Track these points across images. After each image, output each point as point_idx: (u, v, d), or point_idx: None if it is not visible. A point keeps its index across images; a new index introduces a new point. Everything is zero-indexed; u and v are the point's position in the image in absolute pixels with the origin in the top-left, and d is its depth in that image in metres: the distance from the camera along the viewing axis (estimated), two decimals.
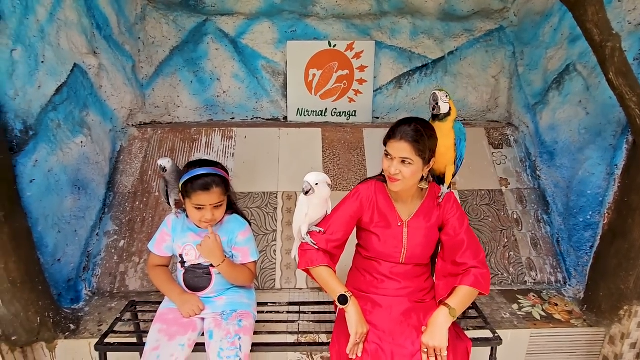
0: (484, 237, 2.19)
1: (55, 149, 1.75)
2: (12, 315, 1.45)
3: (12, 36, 1.52)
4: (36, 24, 1.64)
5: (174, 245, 1.32)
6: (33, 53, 1.62)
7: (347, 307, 1.14)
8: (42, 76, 1.67)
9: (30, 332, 1.51)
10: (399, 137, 1.13)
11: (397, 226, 1.26)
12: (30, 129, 1.61)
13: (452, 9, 2.69)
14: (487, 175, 2.40)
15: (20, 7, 1.55)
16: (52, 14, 1.73)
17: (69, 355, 1.63)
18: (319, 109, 2.75)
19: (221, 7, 2.62)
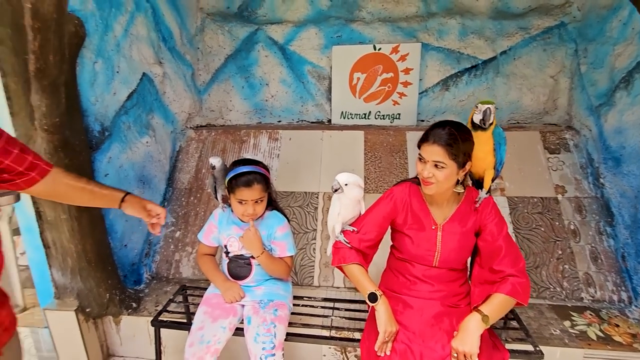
0: (534, 248, 2.06)
1: (125, 147, 2.00)
2: (87, 290, 1.69)
3: (95, 50, 1.77)
4: (113, 39, 1.89)
5: (220, 237, 1.44)
6: (110, 64, 1.87)
7: (376, 305, 1.17)
8: (116, 84, 1.92)
9: (101, 306, 1.75)
10: (432, 141, 1.13)
11: (431, 229, 1.26)
12: (106, 130, 1.86)
13: (505, 7, 2.57)
14: (541, 181, 2.25)
15: (101, 26, 1.80)
16: (126, 30, 1.98)
17: (130, 329, 1.85)
18: (363, 112, 2.78)
19: (271, 17, 2.78)
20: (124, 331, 1.86)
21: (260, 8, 2.79)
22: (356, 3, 2.69)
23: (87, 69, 1.72)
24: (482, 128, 1.22)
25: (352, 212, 1.34)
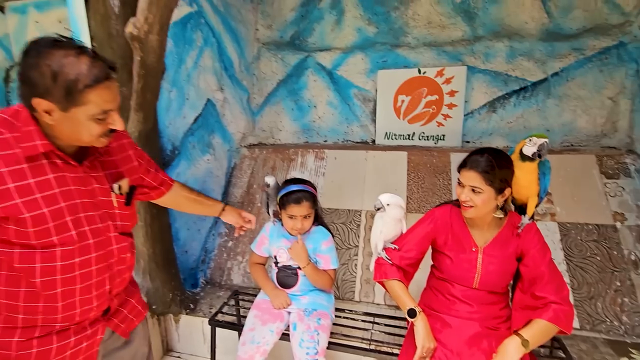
0: (589, 277, 1.96)
1: (190, 164, 2.26)
2: (154, 289, 1.92)
3: (170, 81, 2.06)
4: (185, 71, 2.19)
5: (270, 248, 1.59)
6: (182, 93, 2.16)
7: (415, 321, 1.22)
8: (186, 110, 2.20)
9: (164, 304, 1.97)
10: (469, 167, 1.19)
11: (471, 251, 1.29)
12: (176, 149, 2.13)
13: (557, 28, 2.53)
14: (597, 208, 2.14)
15: (177, 60, 2.10)
16: (196, 62, 2.27)
17: (187, 328, 2.04)
18: (407, 133, 2.85)
19: (321, 44, 2.98)
20: (182, 329, 2.06)
21: (310, 37, 3.01)
22: (402, 29, 2.81)
23: (164, 97, 2.01)
24: (531, 159, 1.24)
25: (394, 230, 1.42)
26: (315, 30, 2.98)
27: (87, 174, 0.91)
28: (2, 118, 0.81)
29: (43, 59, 0.76)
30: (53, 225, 0.83)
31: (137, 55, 1.22)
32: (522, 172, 1.25)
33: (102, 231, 0.93)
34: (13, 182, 0.78)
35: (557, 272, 1.22)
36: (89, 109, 0.80)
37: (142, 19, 1.14)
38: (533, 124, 2.64)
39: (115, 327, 1.02)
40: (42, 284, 0.85)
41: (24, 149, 0.79)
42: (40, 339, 0.88)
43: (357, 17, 2.87)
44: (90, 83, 0.78)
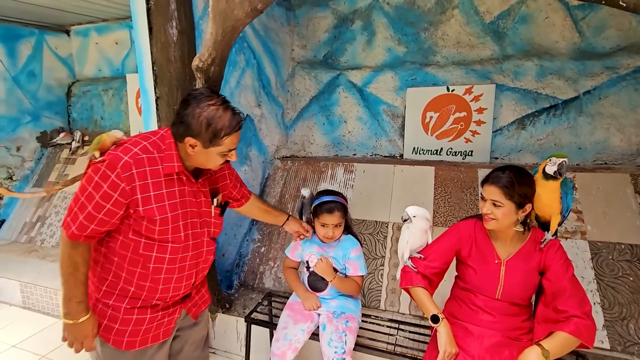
0: (620, 298, 1.93)
1: None
2: None
3: None
4: (229, 90, 2.41)
5: (303, 253, 1.72)
6: None
7: (438, 326, 1.30)
8: None
9: None
10: (491, 182, 1.28)
11: (494, 263, 1.36)
12: None
13: (589, 47, 2.55)
14: (630, 227, 2.11)
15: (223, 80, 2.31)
16: (238, 82, 2.50)
17: (223, 326, 2.20)
18: (434, 148, 2.92)
19: (352, 63, 3.15)
20: (218, 327, 2.22)
21: (342, 56, 3.18)
22: (431, 49, 2.92)
23: None
24: (554, 178, 1.30)
25: (420, 241, 1.51)
26: (347, 50, 3.15)
27: (199, 189, 1.18)
28: (154, 141, 1.08)
29: (201, 109, 1.03)
30: (171, 227, 1.09)
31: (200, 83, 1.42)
32: (545, 191, 1.31)
33: (199, 235, 1.18)
34: (154, 190, 1.05)
35: (579, 287, 1.27)
36: (221, 149, 1.09)
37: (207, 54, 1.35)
38: (564, 142, 2.64)
39: (189, 310, 1.26)
40: (153, 269, 1.10)
41: (165, 168, 1.08)
42: (139, 309, 1.14)
43: (388, 37, 3.01)
44: (229, 132, 1.08)
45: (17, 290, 2.78)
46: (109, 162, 1.01)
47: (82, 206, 1.02)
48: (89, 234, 1.04)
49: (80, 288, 1.07)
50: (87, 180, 1.03)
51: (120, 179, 1.00)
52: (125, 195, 1.02)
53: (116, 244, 1.09)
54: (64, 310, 1.08)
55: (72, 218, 1.03)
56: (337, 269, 1.65)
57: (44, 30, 4.00)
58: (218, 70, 1.45)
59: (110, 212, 1.02)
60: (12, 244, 3.49)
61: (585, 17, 2.53)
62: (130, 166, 1.02)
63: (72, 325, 1.08)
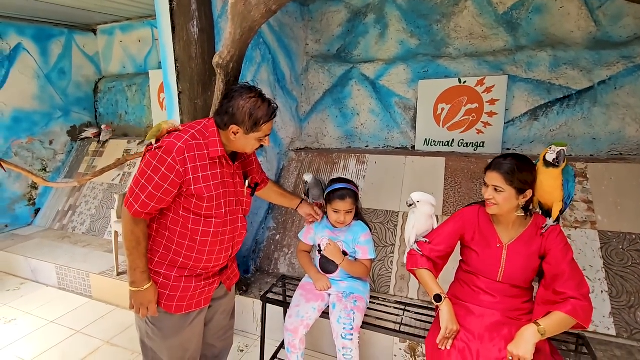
0: (628, 286, 1.96)
1: None
2: None
3: None
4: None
5: (315, 237, 1.83)
6: None
7: (441, 305, 1.38)
8: None
9: None
10: (493, 168, 1.35)
11: (496, 247, 1.43)
12: None
13: (606, 36, 2.52)
14: None
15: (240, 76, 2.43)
16: (254, 76, 2.61)
17: (240, 307, 2.34)
18: (446, 140, 2.96)
19: (365, 56, 3.20)
20: (237, 308, 2.34)
21: (355, 49, 3.25)
22: (443, 41, 2.94)
23: None
24: (554, 166, 1.35)
25: (425, 226, 1.59)
26: (360, 43, 3.21)
27: (235, 171, 1.34)
28: (199, 130, 1.25)
29: (244, 101, 1.22)
30: (215, 204, 1.25)
31: (220, 78, 1.54)
32: (546, 178, 1.36)
33: (235, 212, 1.35)
34: (202, 172, 1.21)
35: (578, 271, 1.32)
36: (259, 134, 1.27)
37: (226, 52, 1.46)
38: (578, 132, 2.63)
39: (225, 281, 1.44)
40: (200, 242, 1.28)
41: (210, 152, 1.23)
42: (187, 277, 1.31)
43: (400, 30, 3.05)
44: (267, 120, 1.26)
45: (53, 272, 3.02)
46: (165, 147, 1.16)
47: (143, 187, 1.17)
48: (149, 211, 1.20)
49: (143, 259, 1.23)
50: (146, 165, 1.17)
51: (176, 162, 1.16)
52: (179, 176, 1.17)
53: (167, 220, 1.26)
54: (130, 279, 1.24)
55: (135, 198, 1.18)
56: (347, 252, 1.74)
57: (72, 29, 4.23)
58: (236, 66, 1.56)
59: (167, 191, 1.18)
60: (47, 231, 3.76)
61: (602, 5, 2.50)
62: (183, 151, 1.17)
63: (138, 293, 1.24)
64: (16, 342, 2.33)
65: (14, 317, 2.60)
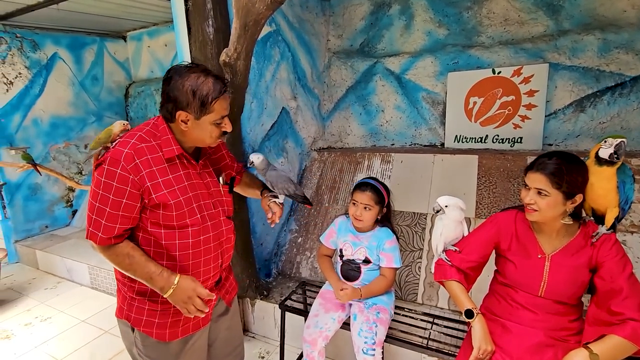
0: None
1: None
2: (235, 274, 2.18)
3: (252, 93, 2.35)
4: (264, 83, 2.46)
5: (337, 241, 1.73)
6: (261, 103, 2.44)
7: (473, 322, 1.24)
8: (264, 118, 2.47)
9: (243, 288, 2.24)
10: (535, 169, 1.17)
11: (537, 258, 1.26)
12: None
13: None
14: None
15: (257, 75, 2.38)
16: (273, 75, 2.54)
17: (261, 312, 2.29)
18: (479, 136, 2.75)
19: (390, 50, 3.05)
20: (257, 313, 2.32)
21: (379, 43, 3.10)
22: (475, 29, 2.73)
23: (246, 108, 2.29)
24: (610, 163, 1.14)
25: (454, 233, 1.44)
26: (384, 36, 3.06)
27: (202, 170, 1.20)
28: (148, 130, 1.10)
29: (183, 80, 1.03)
30: (186, 210, 1.10)
31: (228, 77, 1.47)
32: (598, 179, 1.17)
33: (215, 216, 1.19)
34: (161, 177, 1.06)
35: (638, 287, 1.13)
36: (213, 116, 1.06)
37: (232, 49, 1.39)
38: (633, 124, 2.34)
39: (223, 296, 1.30)
40: (180, 257, 1.11)
41: (165, 153, 1.07)
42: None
43: (427, 20, 2.87)
44: (216, 95, 1.04)
45: (85, 272, 3.13)
46: (111, 158, 1.00)
47: (99, 211, 1.01)
48: (117, 233, 1.03)
49: (149, 265, 1.05)
50: (95, 185, 1.02)
51: (127, 171, 1.00)
52: (136, 186, 1.02)
53: (137, 241, 1.09)
54: (156, 288, 1.06)
55: (94, 226, 1.02)
56: (370, 259, 1.63)
57: (104, 37, 4.38)
58: (244, 64, 1.48)
59: (128, 206, 1.02)
60: (83, 231, 3.93)
61: None
62: (132, 157, 1.01)
63: (175, 292, 1.06)
64: (50, 341, 2.42)
65: (49, 316, 2.72)
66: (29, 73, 3.75)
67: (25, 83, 3.72)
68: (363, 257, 1.64)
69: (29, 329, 2.56)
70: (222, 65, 1.46)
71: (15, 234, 3.74)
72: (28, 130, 3.78)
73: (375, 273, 1.64)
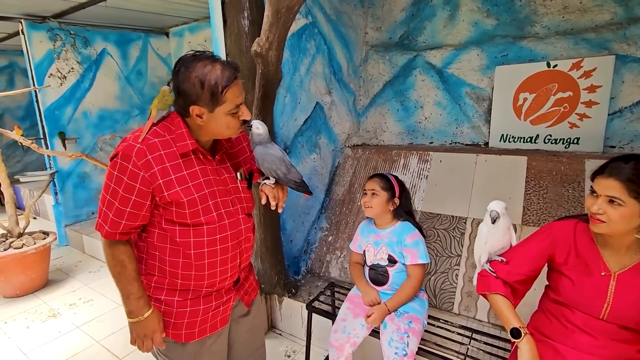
0: None
1: (298, 162, 2.48)
2: (264, 270, 2.19)
3: (285, 87, 2.30)
4: (299, 77, 2.41)
5: (361, 244, 1.65)
6: (295, 97, 2.39)
7: (519, 342, 1.11)
8: (298, 113, 2.42)
9: (271, 285, 2.22)
10: (607, 174, 1.01)
11: (600, 276, 1.10)
12: (287, 149, 2.37)
13: None
14: None
15: (292, 68, 2.33)
16: (308, 69, 2.48)
17: (288, 310, 2.26)
18: (529, 135, 2.52)
19: (431, 42, 2.88)
20: (284, 310, 2.29)
21: (420, 35, 2.93)
22: (528, 18, 2.49)
23: (279, 102, 2.26)
24: None
25: (502, 241, 1.30)
26: (426, 28, 2.89)
27: (220, 166, 1.13)
28: (162, 124, 1.05)
29: (189, 71, 0.96)
30: (201, 208, 1.05)
31: (259, 68, 1.43)
32: None
33: (233, 213, 1.13)
34: (174, 173, 1.01)
35: None
36: (227, 106, 0.99)
37: (264, 38, 1.34)
38: None
39: (242, 297, 1.24)
40: (195, 255, 1.07)
41: (179, 147, 1.02)
42: (192, 300, 1.11)
43: (474, 10, 2.67)
44: (226, 84, 0.96)
45: None
46: (122, 153, 0.97)
47: (109, 204, 0.99)
48: (122, 230, 1.01)
49: (134, 284, 1.05)
50: (107, 177, 0.99)
51: (138, 168, 0.96)
52: (146, 184, 0.97)
53: (153, 237, 1.06)
54: (126, 309, 1.06)
55: (103, 218, 1.01)
56: (394, 258, 1.53)
57: (148, 33, 4.56)
58: (276, 54, 1.42)
59: (137, 204, 0.99)
60: None
61: None
62: (144, 152, 0.97)
63: (138, 323, 1.06)
64: (90, 322, 2.55)
65: (91, 298, 2.87)
66: (80, 68, 3.98)
67: (77, 77, 3.95)
68: (386, 257, 1.55)
69: (73, 309, 2.72)
70: (254, 55, 1.41)
71: (66, 219, 4.02)
72: (78, 122, 4.02)
73: (404, 275, 1.55)
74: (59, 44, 3.79)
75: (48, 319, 2.60)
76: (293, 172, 1.26)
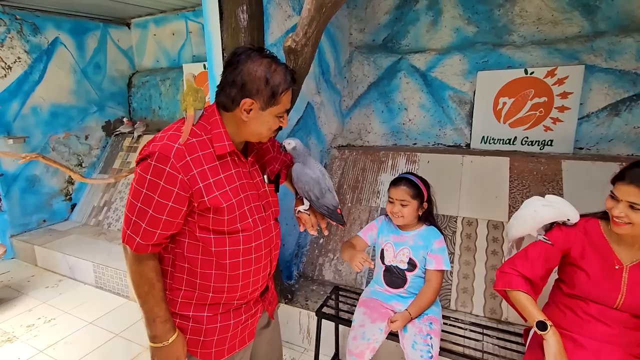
0: None
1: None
2: None
3: None
4: None
5: (377, 239, 1.62)
6: None
7: (546, 335, 1.15)
8: (292, 113, 2.34)
9: None
10: (629, 180, 1.08)
11: (613, 269, 1.18)
12: None
13: None
14: None
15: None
16: None
17: (285, 316, 2.18)
18: (507, 137, 2.68)
19: (415, 46, 2.95)
20: (281, 317, 2.20)
21: (404, 39, 3.00)
22: (506, 27, 2.65)
23: None
24: None
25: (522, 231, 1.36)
26: (410, 32, 2.96)
27: (252, 168, 1.05)
28: (199, 123, 0.95)
29: (256, 65, 0.90)
30: (238, 214, 0.96)
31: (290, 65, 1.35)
32: None
33: (266, 219, 1.06)
34: (212, 177, 0.92)
35: None
36: (278, 109, 0.96)
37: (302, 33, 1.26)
38: None
39: (266, 307, 1.16)
40: (230, 265, 0.98)
41: (217, 148, 0.93)
42: (223, 315, 1.03)
43: (456, 17, 2.78)
44: (286, 87, 0.94)
45: (90, 270, 2.96)
46: (159, 154, 0.86)
47: (141, 212, 0.88)
48: (157, 241, 0.91)
49: (162, 305, 0.95)
50: (138, 182, 0.88)
51: (176, 170, 0.86)
52: (185, 188, 0.88)
53: (183, 248, 0.97)
54: (150, 334, 0.96)
55: (133, 229, 0.89)
56: (415, 262, 1.53)
57: (107, 23, 4.17)
58: (311, 51, 1.35)
59: (174, 210, 0.89)
60: (83, 227, 3.74)
61: None
62: (183, 153, 0.87)
63: (162, 349, 0.96)
64: (56, 344, 2.26)
65: (53, 317, 2.55)
66: (29, 58, 3.53)
67: (25, 68, 3.50)
68: (407, 260, 1.54)
69: (32, 331, 2.40)
70: (287, 52, 1.33)
71: (12, 228, 3.54)
72: (27, 118, 3.57)
73: (421, 280, 1.55)
74: (2, 29, 3.33)
75: (2, 344, 2.27)
76: (328, 197, 1.19)
